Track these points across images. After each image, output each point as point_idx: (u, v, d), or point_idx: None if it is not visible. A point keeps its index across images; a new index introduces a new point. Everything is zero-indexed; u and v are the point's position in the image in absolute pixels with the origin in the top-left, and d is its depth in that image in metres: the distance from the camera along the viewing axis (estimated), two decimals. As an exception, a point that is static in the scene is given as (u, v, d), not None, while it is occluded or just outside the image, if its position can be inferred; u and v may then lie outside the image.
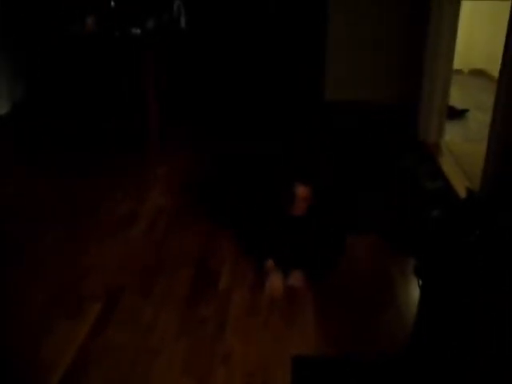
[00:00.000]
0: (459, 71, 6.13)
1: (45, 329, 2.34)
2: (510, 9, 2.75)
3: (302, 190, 2.91)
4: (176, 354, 2.20)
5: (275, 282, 2.67)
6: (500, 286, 1.82)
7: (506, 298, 1.80)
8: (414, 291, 2.46)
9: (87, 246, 2.99)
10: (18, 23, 4.93)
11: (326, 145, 4.23)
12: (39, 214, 3.36)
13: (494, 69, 6.06)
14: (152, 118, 4.43)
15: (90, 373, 2.11)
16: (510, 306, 1.78)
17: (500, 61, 2.87)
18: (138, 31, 4.42)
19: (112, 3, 4.63)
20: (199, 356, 2.20)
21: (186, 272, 2.76)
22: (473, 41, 6.17)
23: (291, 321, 2.42)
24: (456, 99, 5.00)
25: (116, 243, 3.02)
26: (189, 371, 2.12)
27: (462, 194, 3.19)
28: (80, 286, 2.63)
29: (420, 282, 2.26)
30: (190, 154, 4.33)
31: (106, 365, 2.15)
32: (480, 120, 4.77)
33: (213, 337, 2.30)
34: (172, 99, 4.99)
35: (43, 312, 2.45)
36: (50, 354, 2.20)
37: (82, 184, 3.76)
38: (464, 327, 1.93)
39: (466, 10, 4.79)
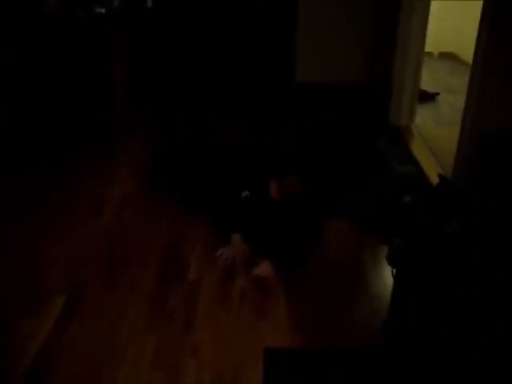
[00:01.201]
0: (429, 54, 6.11)
1: (5, 326, 2.24)
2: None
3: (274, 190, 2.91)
4: (144, 349, 2.12)
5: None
6: (480, 276, 1.79)
7: (488, 289, 1.78)
8: (388, 279, 2.43)
9: (49, 236, 2.87)
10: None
11: (297, 129, 4.17)
12: (3, 204, 3.22)
13: (464, 52, 6.10)
14: (119, 99, 4.30)
15: (54, 370, 2.02)
16: (491, 297, 1.76)
17: (470, 44, 2.83)
18: (103, 10, 4.26)
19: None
20: (168, 350, 2.12)
21: (153, 262, 2.67)
22: (443, 23, 6.15)
23: (263, 312, 2.36)
24: (427, 82, 4.98)
25: (80, 232, 2.91)
26: (158, 366, 2.05)
27: (434, 179, 3.16)
28: (42, 279, 2.52)
29: (394, 270, 2.23)
30: (160, 136, 4.22)
31: (72, 362, 2.07)
32: (451, 103, 4.76)
33: (182, 330, 2.22)
34: (138, 80, 4.85)
35: (2, 308, 2.34)
36: (12, 353, 2.10)
37: (46, 171, 3.61)
38: (436, 316, 1.90)
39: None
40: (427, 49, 4.38)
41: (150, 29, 4.83)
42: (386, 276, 2.52)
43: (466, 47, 5.58)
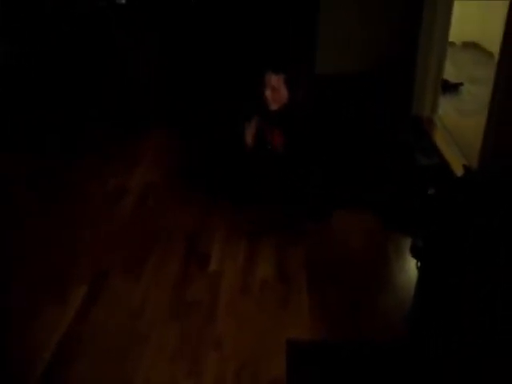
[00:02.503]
0: (452, 44, 6.01)
1: (30, 315, 2.25)
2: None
3: (273, 79, 2.94)
4: (166, 340, 2.13)
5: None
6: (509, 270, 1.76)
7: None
8: (412, 271, 2.40)
9: (72, 226, 2.88)
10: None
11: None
12: (23, 196, 3.23)
13: (488, 41, 6.00)
14: (145, 91, 4.29)
15: (76, 359, 2.04)
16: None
17: (494, 33, 2.76)
18: (123, 0, 4.25)
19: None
20: (190, 341, 2.12)
21: (175, 252, 2.67)
22: (466, 12, 6.04)
23: (284, 302, 2.34)
24: (449, 72, 4.89)
25: (103, 222, 2.92)
26: (179, 357, 2.05)
27: (458, 170, 3.11)
28: (65, 269, 2.54)
29: (418, 263, 2.19)
30: (179, 127, 4.21)
31: (94, 351, 2.08)
32: (474, 94, 4.68)
33: (204, 321, 2.22)
34: (162, 73, 4.83)
35: (28, 298, 2.36)
36: (36, 340, 2.12)
37: (68, 163, 3.61)
38: (461, 310, 1.87)
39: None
40: (450, 38, 4.31)
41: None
42: (410, 268, 2.48)
43: (490, 37, 5.48)
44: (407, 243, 2.55)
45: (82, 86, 4.70)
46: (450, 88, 4.79)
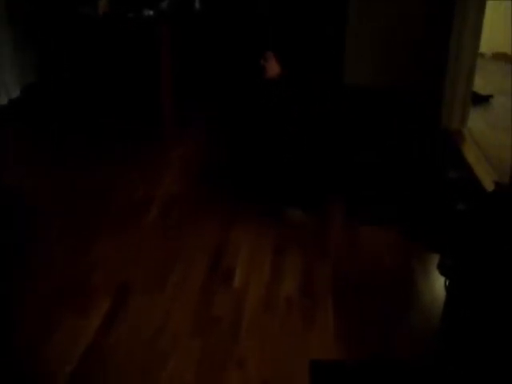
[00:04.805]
0: (482, 55, 5.92)
1: (52, 327, 2.24)
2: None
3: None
4: (188, 357, 2.10)
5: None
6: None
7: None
8: (439, 290, 2.34)
9: (96, 238, 2.88)
10: (28, 4, 4.80)
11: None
12: (47, 203, 3.24)
13: (520, 53, 5.89)
14: (166, 101, 4.30)
15: (98, 373, 2.02)
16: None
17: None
18: (151, 12, 4.28)
19: (124, -16, 4.49)
20: (212, 359, 2.09)
21: (199, 267, 2.64)
22: (497, 23, 5.95)
23: (309, 321, 2.30)
24: (479, 84, 4.81)
25: (127, 234, 2.91)
26: (201, 375, 2.02)
27: (488, 185, 3.04)
28: (88, 281, 2.53)
29: (447, 281, 2.14)
30: (206, 136, 4.20)
31: (115, 366, 2.06)
32: (505, 106, 4.59)
33: (227, 338, 2.19)
34: (185, 81, 4.85)
35: (50, 309, 2.35)
36: (58, 352, 2.12)
37: (93, 171, 3.63)
38: (493, 334, 1.81)
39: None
40: (480, 49, 4.23)
41: (197, 30, 4.82)
42: (438, 286, 2.42)
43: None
44: (435, 260, 2.50)
45: (105, 90, 4.76)
46: (480, 100, 4.71)
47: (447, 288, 2.13)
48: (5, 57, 4.68)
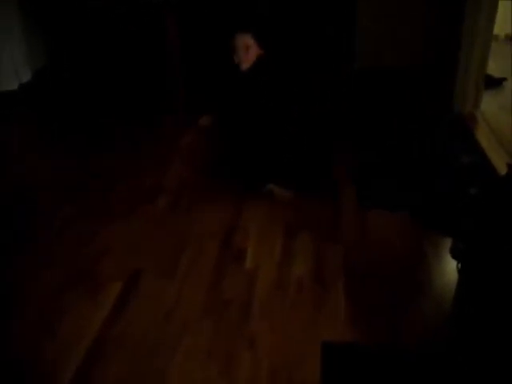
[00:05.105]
0: (495, 36, 5.83)
1: (62, 311, 2.26)
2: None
3: (241, 39, 2.97)
4: (199, 339, 2.11)
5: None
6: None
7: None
8: (451, 274, 2.33)
9: (107, 223, 2.89)
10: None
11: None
12: (56, 190, 3.26)
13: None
14: (176, 86, 4.29)
15: (109, 356, 2.04)
16: None
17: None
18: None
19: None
20: (223, 340, 2.10)
21: (209, 250, 2.65)
22: (510, 4, 5.85)
23: (320, 303, 2.30)
24: (492, 67, 4.74)
25: (137, 219, 2.92)
26: (213, 357, 2.03)
27: (501, 168, 3.01)
28: (99, 266, 2.54)
29: (459, 265, 2.13)
30: (213, 125, 4.18)
31: (127, 348, 2.07)
32: (519, 89, 4.53)
33: (238, 320, 2.19)
34: (194, 67, 4.82)
35: (59, 294, 2.37)
36: (68, 336, 2.13)
37: (103, 158, 3.64)
38: (506, 317, 1.80)
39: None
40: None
41: (206, 15, 4.78)
42: (450, 270, 2.40)
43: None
44: (447, 244, 2.48)
45: (114, 77, 4.74)
46: (494, 83, 4.65)
47: (459, 272, 2.11)
48: (15, 41, 4.69)
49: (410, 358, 2.03)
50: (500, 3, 4.11)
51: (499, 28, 5.82)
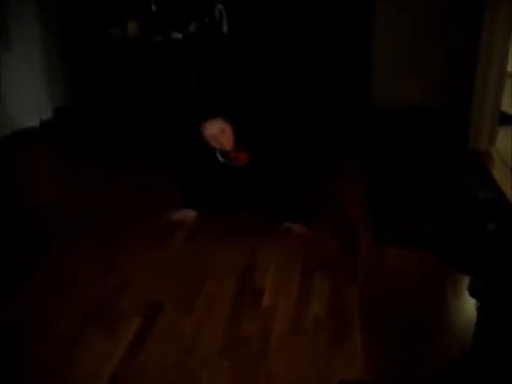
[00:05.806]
0: (509, 73, 5.87)
1: (80, 346, 2.27)
2: None
3: (211, 127, 2.73)
4: (218, 375, 2.10)
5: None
6: None
7: None
8: (470, 312, 2.31)
9: (123, 257, 2.91)
10: (58, 26, 4.92)
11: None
12: (76, 223, 3.29)
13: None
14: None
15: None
16: None
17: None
18: (180, 35, 4.36)
19: (153, 7, 4.59)
20: (241, 378, 2.09)
21: (228, 286, 2.66)
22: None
23: (337, 341, 2.29)
24: (505, 103, 4.77)
25: (155, 254, 2.94)
26: (231, 394, 2.02)
27: (518, 205, 3.02)
28: (116, 302, 2.55)
29: (478, 303, 2.12)
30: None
31: (144, 384, 2.08)
32: (534, 126, 4.53)
33: (255, 359, 2.18)
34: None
35: (77, 328, 2.37)
36: (87, 374, 2.13)
37: (123, 191, 3.69)
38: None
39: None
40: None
41: (225, 53, 4.87)
42: (469, 308, 2.39)
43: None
44: (465, 282, 2.47)
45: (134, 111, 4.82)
46: (508, 120, 4.67)
47: (478, 310, 2.10)
48: (37, 78, 4.80)
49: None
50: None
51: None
